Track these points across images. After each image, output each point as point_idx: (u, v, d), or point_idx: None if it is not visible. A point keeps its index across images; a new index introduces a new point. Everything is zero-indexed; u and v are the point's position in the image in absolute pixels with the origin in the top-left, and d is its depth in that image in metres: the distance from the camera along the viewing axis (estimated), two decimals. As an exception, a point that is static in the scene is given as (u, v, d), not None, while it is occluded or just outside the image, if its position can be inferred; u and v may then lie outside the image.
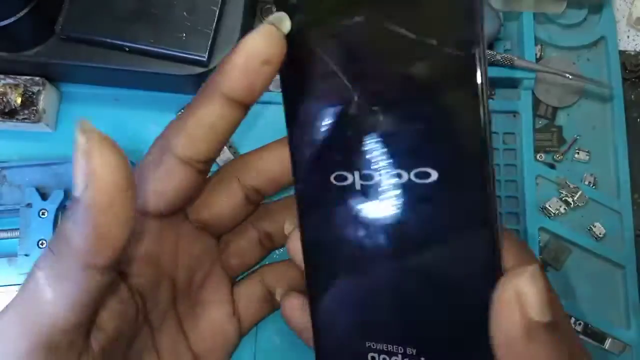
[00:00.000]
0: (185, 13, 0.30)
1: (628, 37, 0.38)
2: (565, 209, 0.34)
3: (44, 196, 0.31)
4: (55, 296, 0.17)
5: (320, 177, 0.21)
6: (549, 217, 0.34)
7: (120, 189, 0.16)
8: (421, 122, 0.19)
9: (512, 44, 0.36)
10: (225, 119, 0.20)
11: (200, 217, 0.24)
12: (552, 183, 0.35)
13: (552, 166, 0.35)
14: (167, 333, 0.24)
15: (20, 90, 0.32)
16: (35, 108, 0.32)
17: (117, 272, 0.19)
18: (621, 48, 0.37)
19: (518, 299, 0.17)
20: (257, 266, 0.27)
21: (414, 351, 0.21)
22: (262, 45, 0.19)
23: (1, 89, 0.32)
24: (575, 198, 0.34)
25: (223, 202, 0.24)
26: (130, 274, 0.21)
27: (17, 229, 0.31)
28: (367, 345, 0.22)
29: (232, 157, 0.34)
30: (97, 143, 0.17)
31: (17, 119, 0.32)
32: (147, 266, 0.22)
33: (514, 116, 0.35)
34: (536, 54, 0.36)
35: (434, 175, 0.19)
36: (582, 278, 0.34)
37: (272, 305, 0.27)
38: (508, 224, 0.34)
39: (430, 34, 0.18)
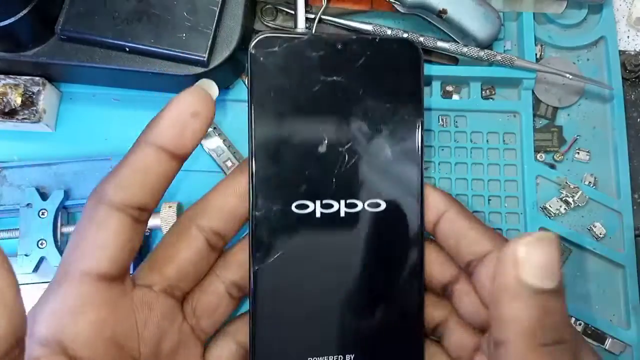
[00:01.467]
0: (185, 13, 0.30)
1: (628, 37, 0.38)
2: (565, 209, 0.34)
3: (43, 196, 0.31)
4: None
5: (282, 205, 0.24)
6: (549, 217, 0.34)
7: None
8: (375, 163, 0.25)
9: (512, 44, 0.36)
10: (156, 166, 0.21)
11: (164, 275, 0.23)
12: (552, 183, 0.35)
13: (552, 166, 0.35)
14: None
15: (20, 90, 0.32)
16: (35, 108, 0.32)
17: None
18: (621, 48, 0.37)
19: (514, 258, 0.18)
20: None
21: (352, 356, 0.24)
22: (190, 100, 0.21)
23: (1, 89, 0.32)
24: (575, 198, 0.34)
25: (185, 253, 0.23)
26: (83, 356, 0.20)
27: (17, 229, 0.31)
28: (307, 359, 0.24)
29: (230, 155, 0.34)
30: None
31: (17, 119, 0.32)
32: (101, 344, 0.20)
33: (514, 116, 0.35)
34: (536, 54, 0.36)
35: (383, 205, 0.25)
36: (582, 278, 0.34)
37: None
38: (508, 224, 0.34)
39: (387, 100, 0.25)
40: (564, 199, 0.34)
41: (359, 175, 0.25)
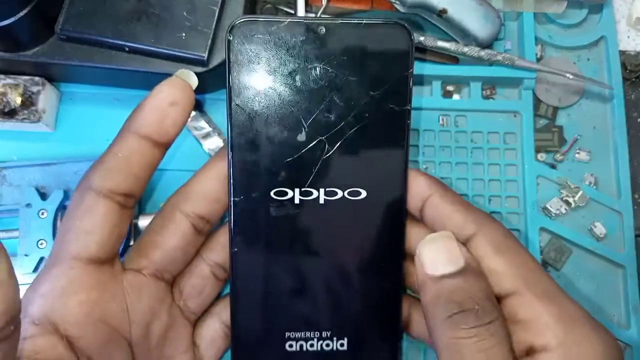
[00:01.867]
0: (185, 13, 0.30)
1: (628, 37, 0.38)
2: (565, 209, 0.34)
3: (43, 196, 0.31)
4: None
5: (261, 192, 0.24)
6: (549, 217, 0.34)
7: None
8: (357, 152, 0.25)
9: (512, 44, 0.36)
10: (139, 154, 0.22)
11: (152, 260, 0.23)
12: (552, 183, 0.35)
13: (552, 166, 0.35)
14: None
15: (20, 90, 0.32)
16: (35, 108, 0.32)
17: (12, 343, 0.17)
18: (621, 48, 0.37)
19: (418, 259, 0.23)
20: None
21: (329, 333, 0.25)
22: (169, 90, 0.23)
23: (1, 89, 0.32)
24: (575, 198, 0.34)
25: (171, 238, 0.24)
26: (75, 335, 0.20)
27: (16, 229, 0.31)
28: (285, 335, 0.25)
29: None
30: None
31: (17, 119, 0.32)
32: (92, 324, 0.21)
33: (515, 116, 0.35)
34: (536, 54, 0.36)
35: (363, 194, 0.25)
36: (583, 278, 0.34)
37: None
38: (508, 224, 0.34)
39: (372, 87, 0.24)
40: (564, 199, 0.34)
41: (340, 164, 0.25)
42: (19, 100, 0.32)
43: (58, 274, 0.21)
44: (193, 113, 0.33)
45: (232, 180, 0.24)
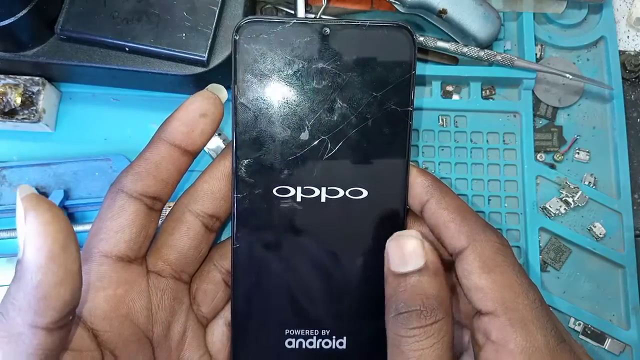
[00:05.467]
0: (185, 13, 0.30)
1: (628, 37, 0.38)
2: (565, 209, 0.34)
3: (43, 196, 0.31)
4: (4, 357, 0.17)
5: (263, 189, 0.25)
6: (549, 217, 0.34)
7: (59, 246, 0.17)
8: (359, 152, 0.25)
9: (512, 44, 0.36)
10: (168, 160, 0.23)
11: (169, 261, 0.24)
12: (552, 183, 0.35)
13: (552, 166, 0.35)
14: None
15: (20, 90, 0.32)
16: (35, 108, 0.32)
17: (68, 330, 0.19)
18: (621, 48, 0.37)
19: (385, 255, 0.24)
20: None
21: (328, 332, 0.25)
22: (200, 102, 0.24)
23: (1, 89, 0.32)
24: (575, 198, 0.34)
25: (184, 239, 0.25)
26: (100, 329, 0.21)
27: (16, 229, 0.31)
28: (285, 332, 0.25)
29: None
30: (32, 204, 0.17)
31: (17, 119, 0.32)
32: (117, 319, 0.22)
33: (514, 116, 0.35)
34: (536, 54, 0.36)
35: (364, 194, 0.25)
36: (582, 278, 0.34)
37: None
38: (508, 224, 0.34)
39: (375, 87, 0.25)
40: (564, 199, 0.34)
41: (341, 164, 0.25)
42: (19, 100, 0.32)
43: (87, 270, 0.22)
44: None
45: (235, 178, 0.25)
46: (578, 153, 0.35)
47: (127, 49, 0.30)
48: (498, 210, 0.34)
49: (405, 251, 0.23)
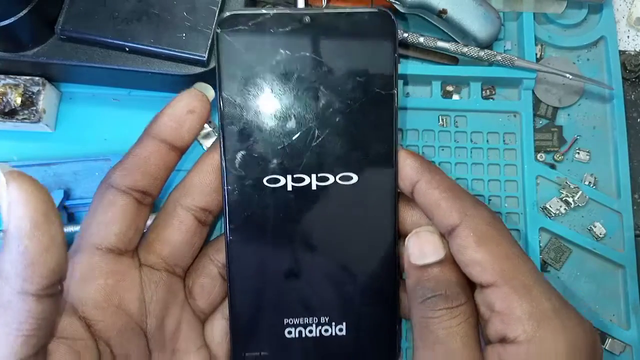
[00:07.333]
0: (185, 13, 0.30)
1: (628, 37, 0.38)
2: (565, 209, 0.34)
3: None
4: None
5: (253, 179, 0.25)
6: (549, 217, 0.34)
7: (41, 213, 0.17)
8: (347, 138, 0.25)
9: (512, 44, 0.36)
10: (156, 156, 0.24)
11: (162, 255, 0.25)
12: (552, 183, 0.35)
13: (552, 166, 0.35)
14: None
15: (20, 90, 0.32)
16: (35, 108, 0.32)
17: (57, 301, 0.19)
18: (621, 48, 0.37)
19: (405, 248, 0.25)
20: None
21: (327, 318, 0.26)
22: (187, 99, 0.24)
23: (1, 89, 0.32)
24: (575, 198, 0.34)
25: (177, 233, 0.25)
26: (93, 319, 0.22)
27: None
28: (284, 322, 0.26)
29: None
30: (13, 176, 0.17)
31: (17, 119, 0.32)
32: (110, 309, 0.22)
33: (514, 116, 0.35)
34: (536, 54, 0.36)
35: (354, 179, 0.25)
36: (582, 278, 0.34)
37: None
38: (508, 224, 0.34)
39: (359, 73, 0.25)
40: (564, 199, 0.34)
41: (330, 150, 0.25)
42: (19, 100, 0.32)
43: (78, 261, 0.23)
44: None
45: (224, 170, 0.25)
46: (578, 153, 0.35)
47: (127, 49, 0.30)
48: (498, 210, 0.34)
49: (425, 245, 0.24)
